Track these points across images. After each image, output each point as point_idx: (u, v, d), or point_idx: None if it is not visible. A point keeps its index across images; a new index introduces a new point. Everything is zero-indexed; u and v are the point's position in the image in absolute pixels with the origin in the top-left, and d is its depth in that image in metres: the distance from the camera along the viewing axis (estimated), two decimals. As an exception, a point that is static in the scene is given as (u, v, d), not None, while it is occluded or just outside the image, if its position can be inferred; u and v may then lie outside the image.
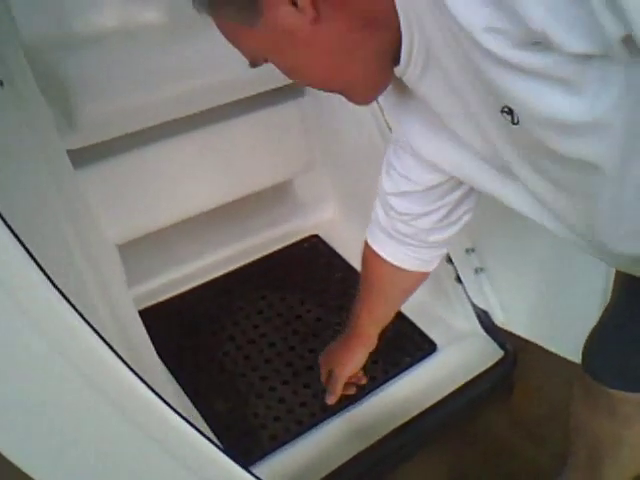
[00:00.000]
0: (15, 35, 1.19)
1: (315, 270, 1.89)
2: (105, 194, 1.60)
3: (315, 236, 2.01)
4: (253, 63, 0.83)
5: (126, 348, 1.21)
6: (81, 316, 0.67)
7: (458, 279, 1.65)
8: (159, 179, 1.69)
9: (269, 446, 1.42)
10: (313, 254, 1.96)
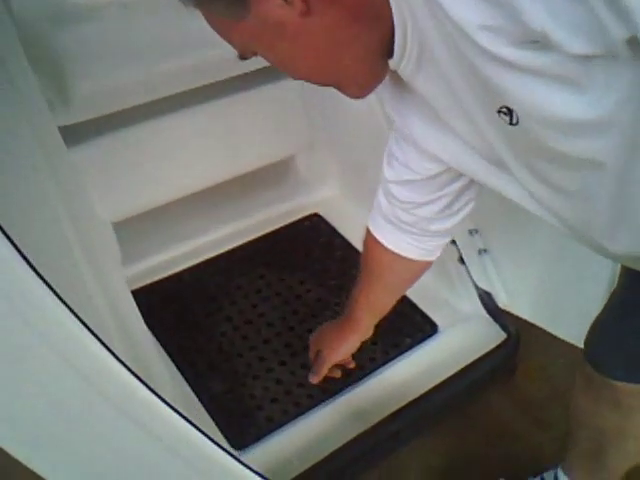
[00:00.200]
0: (6, 9, 1.16)
1: (315, 249, 1.86)
2: (101, 171, 1.57)
3: (316, 215, 1.98)
4: (242, 56, 0.81)
5: (118, 327, 1.19)
6: (76, 316, 0.64)
7: (461, 260, 1.62)
8: (156, 156, 1.65)
9: (266, 428, 1.40)
10: (314, 233, 1.92)
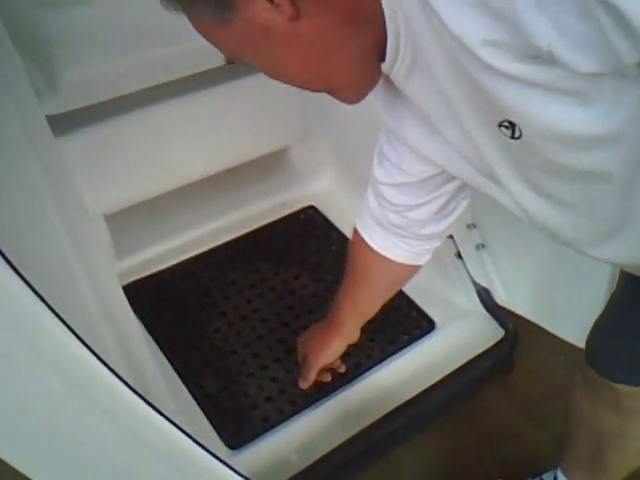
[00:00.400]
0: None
1: (311, 243, 1.83)
2: (91, 162, 1.52)
3: (311, 207, 1.94)
4: (229, 60, 0.77)
5: (108, 324, 1.16)
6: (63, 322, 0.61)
7: (458, 255, 1.59)
8: (147, 147, 1.61)
9: (261, 427, 1.38)
10: (309, 226, 1.89)
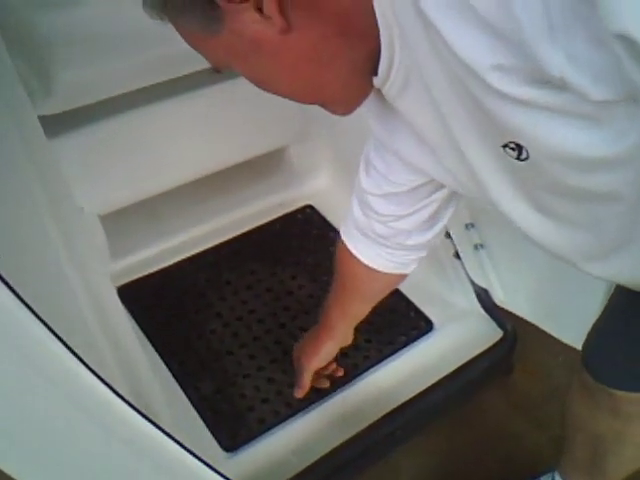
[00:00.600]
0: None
1: (308, 242, 1.81)
2: (87, 162, 1.51)
3: (309, 207, 1.93)
4: (216, 69, 0.75)
5: (103, 328, 1.16)
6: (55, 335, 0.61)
7: (457, 255, 1.58)
8: (143, 147, 1.59)
9: (257, 429, 1.36)
10: (306, 225, 1.88)
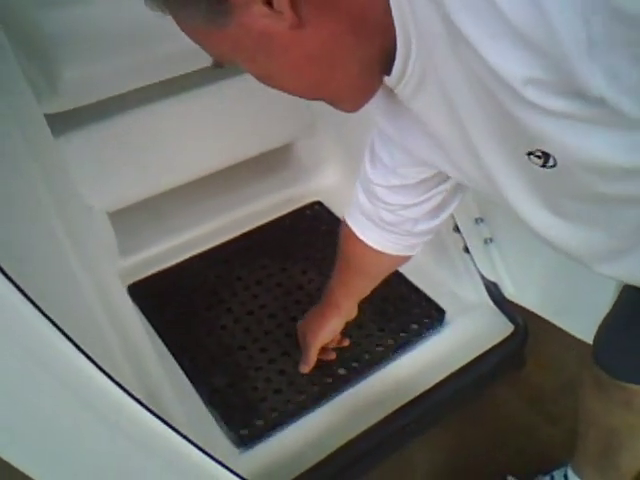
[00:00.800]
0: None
1: (317, 239, 1.80)
2: (93, 160, 1.51)
3: (317, 203, 1.92)
4: (217, 64, 0.73)
5: (110, 321, 1.15)
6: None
7: (466, 249, 1.57)
8: (150, 144, 1.59)
9: (270, 420, 1.35)
10: (315, 221, 1.87)
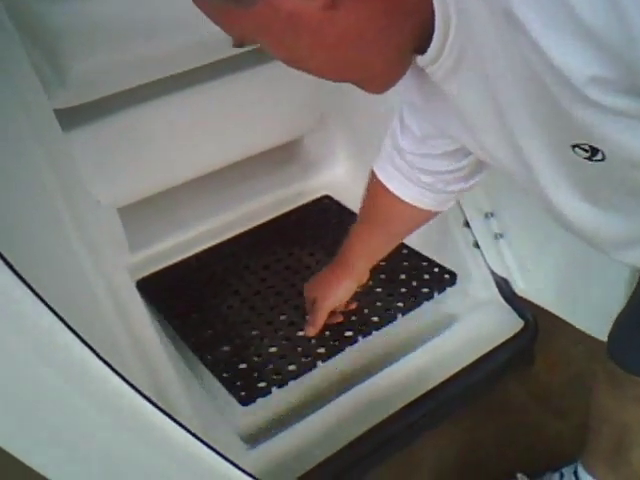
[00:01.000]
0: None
1: (327, 232, 1.78)
2: (103, 156, 1.51)
3: (327, 196, 1.91)
4: (238, 44, 0.70)
5: (119, 317, 1.14)
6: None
7: (476, 245, 1.56)
8: (159, 139, 1.58)
9: (272, 381, 1.34)
10: (325, 215, 1.86)
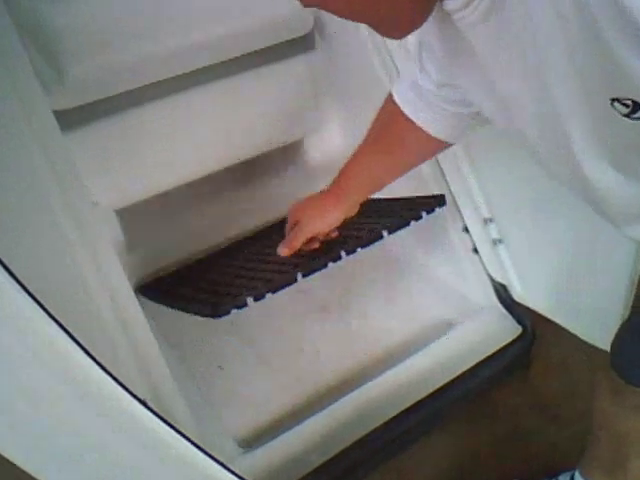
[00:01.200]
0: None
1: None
2: (102, 157, 1.50)
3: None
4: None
5: (117, 319, 1.14)
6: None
7: (475, 250, 1.56)
8: (159, 140, 1.58)
9: (249, 294, 1.20)
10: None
